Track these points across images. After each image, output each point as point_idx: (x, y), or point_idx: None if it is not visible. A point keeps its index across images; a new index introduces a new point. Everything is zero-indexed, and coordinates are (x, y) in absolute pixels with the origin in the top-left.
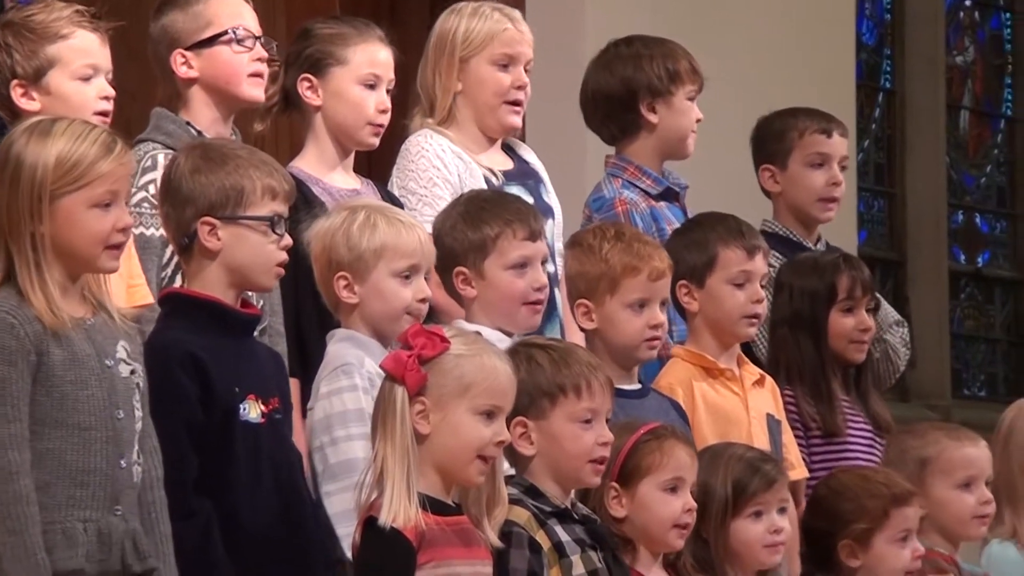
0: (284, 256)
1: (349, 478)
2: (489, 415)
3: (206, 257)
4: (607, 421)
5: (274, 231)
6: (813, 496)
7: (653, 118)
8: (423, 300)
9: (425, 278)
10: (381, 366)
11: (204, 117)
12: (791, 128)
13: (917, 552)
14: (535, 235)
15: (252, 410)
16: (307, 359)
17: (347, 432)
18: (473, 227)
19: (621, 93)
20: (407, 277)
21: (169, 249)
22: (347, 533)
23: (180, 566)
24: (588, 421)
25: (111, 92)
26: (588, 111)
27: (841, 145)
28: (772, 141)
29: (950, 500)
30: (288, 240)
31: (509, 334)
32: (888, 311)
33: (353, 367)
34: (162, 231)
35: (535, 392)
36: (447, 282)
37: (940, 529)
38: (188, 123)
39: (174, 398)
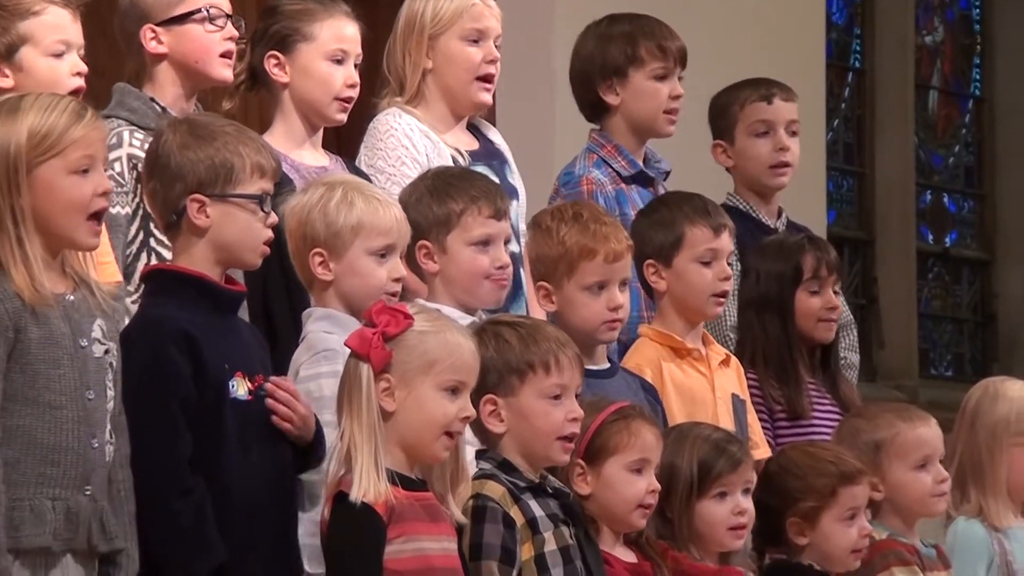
0: (270, 234)
1: (326, 463)
2: (454, 391)
3: (194, 234)
4: (576, 397)
5: (262, 209)
6: (764, 472)
7: (614, 99)
8: (397, 280)
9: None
10: (346, 344)
11: (169, 93)
12: (733, 101)
13: (864, 531)
14: (500, 214)
15: (240, 387)
16: (275, 333)
17: (322, 419)
18: (439, 201)
19: (581, 75)
20: (383, 256)
21: (133, 227)
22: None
23: (175, 544)
24: (558, 397)
25: (84, 68)
26: (572, 89)
27: (785, 110)
28: (719, 117)
29: (908, 482)
30: (274, 218)
31: (471, 311)
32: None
33: (337, 353)
34: (128, 209)
35: (504, 369)
36: (410, 256)
37: (898, 511)
38: (152, 99)
39: (168, 375)
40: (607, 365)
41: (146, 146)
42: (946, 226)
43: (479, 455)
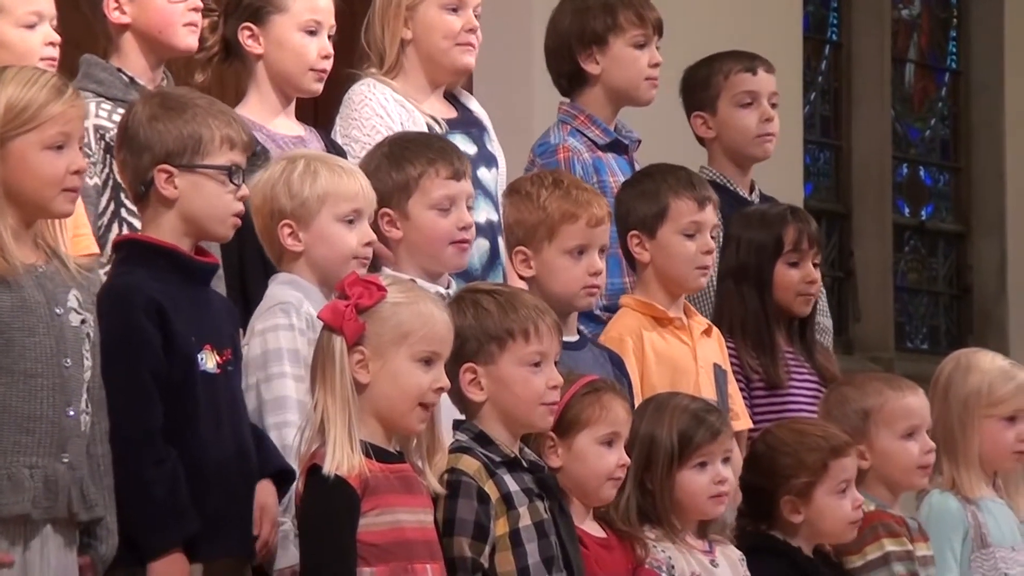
0: (241, 207)
1: (281, 415)
2: (428, 362)
3: (163, 205)
4: (555, 365)
5: (232, 181)
6: (751, 452)
7: (595, 68)
8: (368, 244)
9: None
10: (319, 317)
11: (135, 64)
12: (716, 72)
13: (857, 502)
14: (459, 174)
15: (209, 360)
16: (250, 307)
17: (281, 369)
18: (396, 167)
19: (560, 46)
20: (351, 222)
21: (104, 198)
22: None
23: (148, 514)
24: (537, 364)
25: (57, 39)
26: (547, 64)
27: (768, 81)
28: (699, 88)
29: (895, 451)
30: (245, 191)
31: (436, 277)
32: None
33: (291, 306)
34: (97, 180)
35: (483, 337)
36: (374, 226)
37: (884, 480)
38: (119, 70)
39: (138, 345)
40: (576, 337)
41: (114, 117)
42: (922, 199)
43: (456, 426)
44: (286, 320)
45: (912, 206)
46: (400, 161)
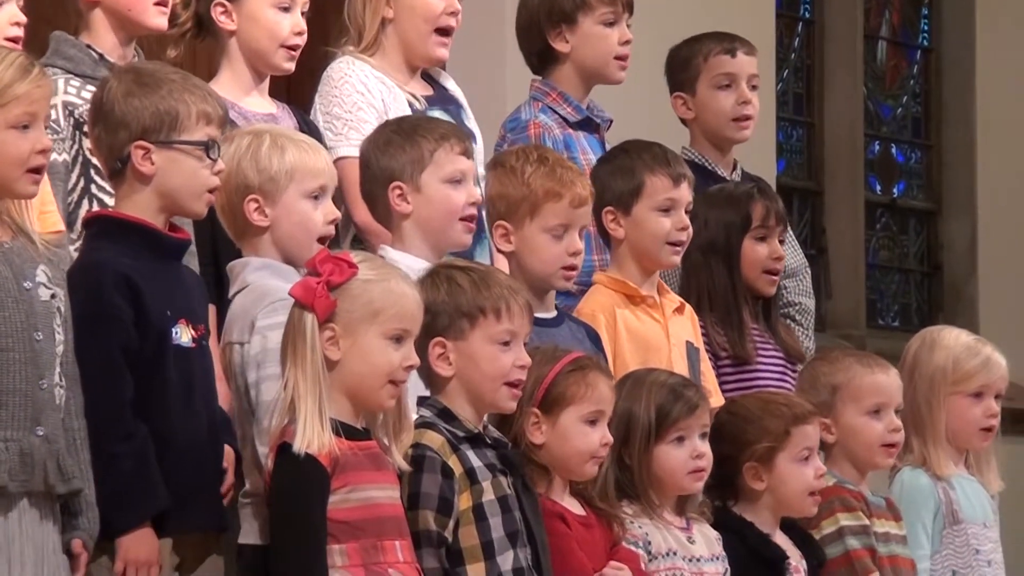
0: (216, 181)
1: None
2: (398, 339)
3: (139, 181)
4: (525, 346)
5: (208, 156)
6: (715, 423)
7: (564, 47)
8: (332, 221)
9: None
10: (290, 293)
11: (105, 41)
12: (696, 53)
13: (820, 471)
14: (468, 152)
15: (184, 334)
16: (224, 284)
17: (278, 371)
18: (410, 142)
19: (530, 24)
20: (316, 198)
21: (74, 175)
22: None
23: (118, 488)
24: (507, 343)
25: (23, 19)
26: (518, 42)
27: (748, 64)
28: (680, 69)
29: (859, 427)
30: (221, 165)
31: (440, 254)
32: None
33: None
34: (66, 156)
35: (455, 313)
36: (381, 201)
37: (849, 456)
38: (89, 46)
39: (109, 319)
40: (554, 313)
41: (83, 94)
42: (894, 177)
43: (421, 402)
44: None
45: (884, 184)
46: (413, 136)
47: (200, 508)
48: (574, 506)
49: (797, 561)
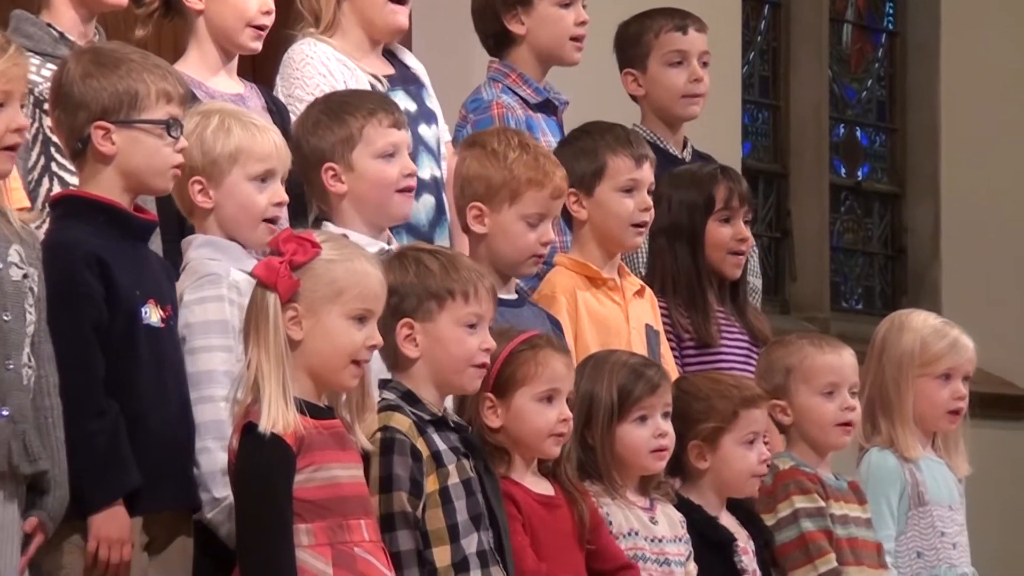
0: (180, 159)
1: (208, 388)
2: (361, 319)
3: (100, 162)
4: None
5: (170, 134)
6: None
7: (520, 29)
8: (279, 204)
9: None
10: (252, 273)
11: (66, 19)
12: (647, 30)
13: (763, 456)
14: (399, 123)
15: (153, 314)
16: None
17: (208, 342)
18: (337, 121)
19: (485, 6)
20: (263, 181)
21: (34, 153)
22: (203, 447)
23: (90, 466)
24: (473, 326)
25: None
26: (474, 24)
27: (699, 40)
28: (630, 45)
29: (812, 407)
30: (184, 143)
31: (381, 230)
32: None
33: (220, 277)
34: (27, 135)
35: (423, 295)
36: (315, 184)
37: (806, 438)
38: (49, 24)
39: (79, 297)
40: (515, 295)
41: (43, 72)
42: (858, 160)
43: (383, 385)
44: (214, 291)
45: (849, 167)
46: (340, 115)
47: (171, 487)
48: (540, 486)
49: (744, 542)
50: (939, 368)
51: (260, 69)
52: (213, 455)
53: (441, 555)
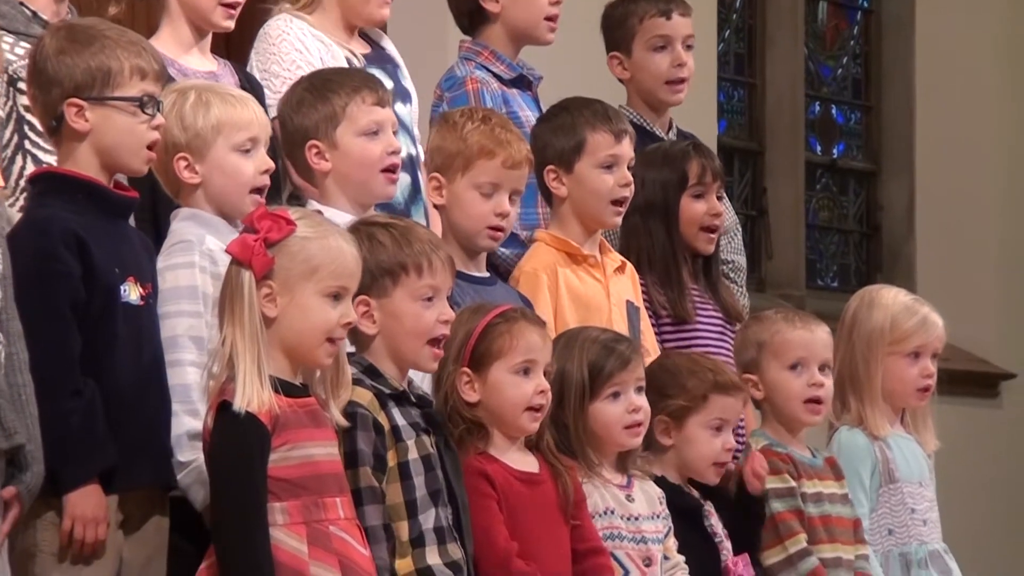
0: (155, 136)
1: (173, 353)
2: (336, 297)
3: (75, 139)
4: (449, 300)
5: (144, 111)
6: (646, 372)
7: (494, 7)
8: (266, 172)
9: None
10: (227, 251)
11: None
12: (631, 14)
13: (728, 445)
14: (383, 101)
15: (132, 292)
16: (163, 242)
17: (177, 308)
18: (321, 99)
19: None
20: (247, 151)
21: (7, 130)
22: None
23: (65, 445)
24: (430, 299)
25: None
26: (448, 3)
27: (683, 25)
28: (616, 28)
29: (780, 382)
30: (160, 120)
31: (365, 208)
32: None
33: (192, 244)
34: (0, 112)
35: (377, 271)
36: (299, 162)
37: (776, 414)
38: (22, 3)
39: (56, 275)
40: (487, 274)
41: (16, 50)
42: (834, 137)
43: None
44: (185, 258)
45: (824, 144)
46: (324, 92)
47: (147, 465)
48: (523, 463)
49: (711, 508)
50: (909, 346)
51: (234, 46)
52: (179, 418)
53: (399, 530)
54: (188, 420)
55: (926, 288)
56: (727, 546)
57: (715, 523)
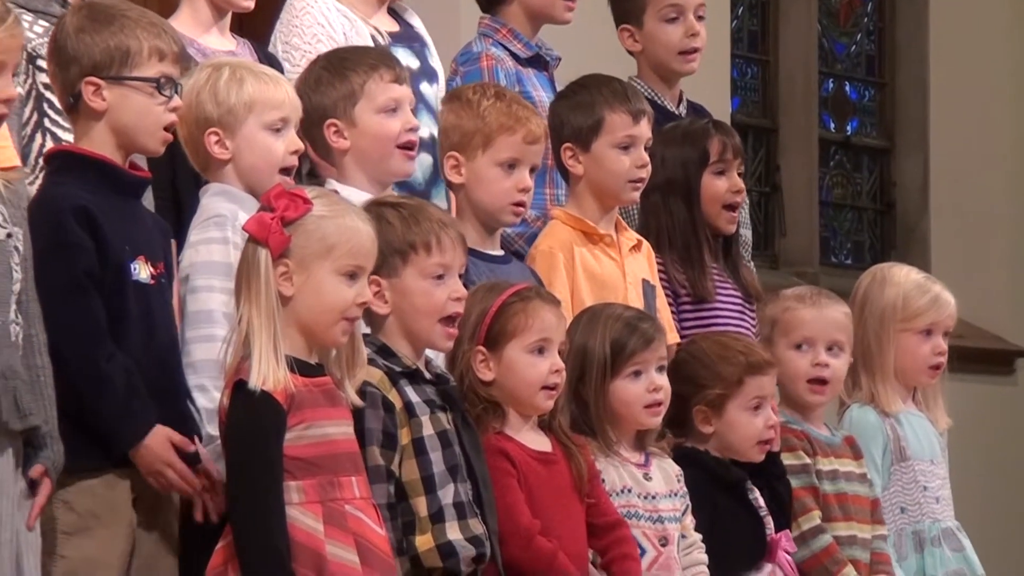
0: (172, 118)
1: (208, 328)
2: (352, 276)
3: (92, 118)
4: (461, 278)
5: (161, 93)
6: (674, 361)
7: None
8: (295, 152)
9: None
10: (244, 228)
11: None
12: None
13: (770, 422)
14: (400, 79)
15: (142, 271)
16: (183, 220)
17: (208, 283)
18: (339, 77)
19: None
20: (278, 130)
21: (28, 108)
22: (198, 384)
23: (116, 405)
24: (440, 277)
25: None
26: None
27: None
28: (625, 0)
29: (786, 360)
30: (177, 102)
31: (384, 187)
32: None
33: (226, 219)
34: (20, 90)
35: (387, 250)
36: (318, 140)
37: (784, 392)
38: None
39: (71, 247)
40: (502, 252)
41: (35, 28)
42: (848, 114)
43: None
44: (219, 233)
45: (838, 121)
46: (342, 71)
47: None
48: (537, 442)
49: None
50: (921, 323)
51: (248, 25)
52: (210, 393)
53: (418, 505)
54: (218, 395)
55: (940, 265)
56: (770, 521)
57: (758, 496)
